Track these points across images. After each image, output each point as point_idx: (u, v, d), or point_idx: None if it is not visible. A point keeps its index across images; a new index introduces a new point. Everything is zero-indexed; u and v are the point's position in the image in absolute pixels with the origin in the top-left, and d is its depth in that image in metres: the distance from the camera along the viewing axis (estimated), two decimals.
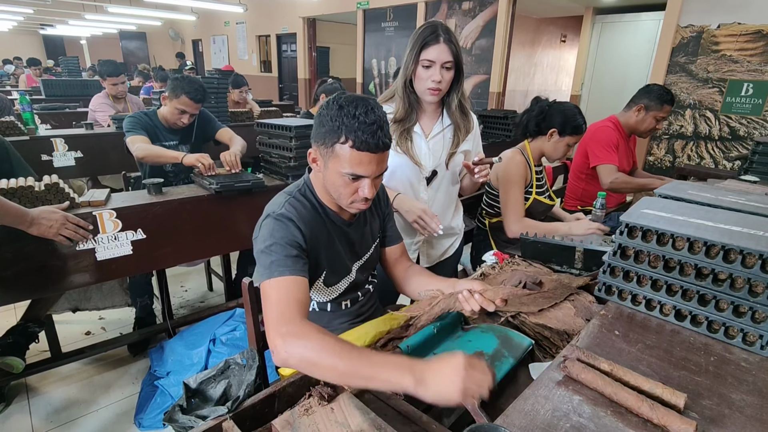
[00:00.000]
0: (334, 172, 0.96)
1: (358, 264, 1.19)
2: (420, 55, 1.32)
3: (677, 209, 1.00)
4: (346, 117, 0.90)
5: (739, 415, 0.67)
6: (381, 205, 1.24)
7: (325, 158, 0.97)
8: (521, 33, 6.69)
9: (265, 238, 0.96)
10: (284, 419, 0.81)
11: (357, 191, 0.98)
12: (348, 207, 1.03)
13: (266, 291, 0.90)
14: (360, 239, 1.18)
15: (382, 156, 0.96)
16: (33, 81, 6.73)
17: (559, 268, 1.36)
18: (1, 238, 1.40)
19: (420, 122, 1.45)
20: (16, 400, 1.85)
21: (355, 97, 0.94)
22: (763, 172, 2.07)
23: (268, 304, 0.88)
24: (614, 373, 0.72)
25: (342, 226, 1.12)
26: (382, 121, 0.93)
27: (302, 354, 0.76)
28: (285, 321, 0.82)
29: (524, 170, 1.75)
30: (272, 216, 0.99)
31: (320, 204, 1.08)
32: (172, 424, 0.93)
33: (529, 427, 0.64)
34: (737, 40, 3.74)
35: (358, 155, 0.92)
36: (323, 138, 0.95)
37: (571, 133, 1.72)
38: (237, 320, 2.02)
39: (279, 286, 0.89)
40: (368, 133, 0.90)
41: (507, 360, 0.92)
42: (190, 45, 13.45)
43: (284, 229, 0.97)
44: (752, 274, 0.80)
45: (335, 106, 0.93)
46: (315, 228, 1.04)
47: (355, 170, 0.94)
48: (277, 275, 0.90)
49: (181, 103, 2.08)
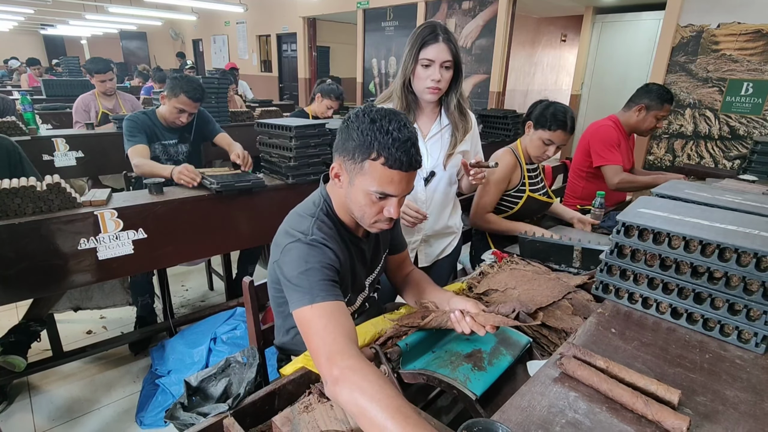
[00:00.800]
0: (359, 190, 0.90)
1: (370, 278, 1.17)
2: (419, 54, 1.32)
3: (674, 208, 1.01)
4: (379, 132, 0.85)
5: (732, 411, 0.68)
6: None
7: (351, 174, 0.91)
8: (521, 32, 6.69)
9: (299, 263, 0.89)
10: (284, 416, 0.82)
11: (382, 211, 0.93)
12: (370, 226, 0.97)
13: (308, 318, 0.83)
14: (375, 254, 1.14)
15: (411, 175, 0.90)
16: (34, 81, 6.75)
17: (557, 267, 1.37)
18: (3, 238, 1.41)
19: (418, 122, 1.45)
20: (18, 398, 1.86)
21: (387, 111, 0.89)
22: (762, 172, 2.08)
23: (315, 332, 0.81)
24: (610, 370, 0.72)
25: (358, 244, 1.07)
26: (415, 137, 0.88)
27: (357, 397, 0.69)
28: (343, 354, 0.75)
29: (508, 172, 1.75)
30: (303, 241, 0.92)
31: (341, 224, 1.03)
32: (173, 422, 0.94)
33: (526, 423, 0.64)
34: (737, 40, 3.74)
35: (390, 173, 0.86)
36: (352, 153, 0.88)
37: (544, 127, 1.66)
38: (237, 319, 2.03)
39: (324, 312, 0.83)
40: (402, 151, 0.85)
41: (505, 358, 0.93)
42: (190, 45, 13.47)
43: (320, 254, 0.91)
44: (747, 272, 0.81)
45: (366, 119, 0.87)
46: (340, 250, 0.99)
47: (385, 189, 0.88)
48: (320, 300, 0.84)
49: (180, 102, 2.10)
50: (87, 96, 3.29)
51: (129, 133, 2.11)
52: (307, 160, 1.98)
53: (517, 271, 1.31)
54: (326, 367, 0.75)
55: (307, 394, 0.88)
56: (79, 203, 1.57)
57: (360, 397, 0.68)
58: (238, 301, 2.35)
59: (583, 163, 2.30)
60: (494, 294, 1.21)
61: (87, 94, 3.30)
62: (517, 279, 1.27)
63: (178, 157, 2.31)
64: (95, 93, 3.30)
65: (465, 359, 0.92)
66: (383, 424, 0.64)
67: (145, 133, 2.14)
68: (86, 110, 3.25)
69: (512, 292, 1.20)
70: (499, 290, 1.22)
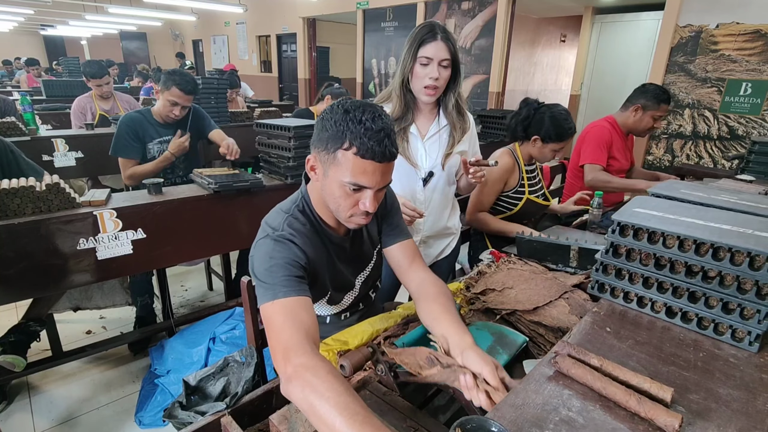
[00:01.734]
0: (334, 181, 0.89)
1: (362, 277, 1.15)
2: (418, 52, 1.33)
3: (669, 208, 1.02)
4: (351, 122, 0.84)
5: (725, 408, 0.68)
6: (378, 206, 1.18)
7: (325, 165, 0.90)
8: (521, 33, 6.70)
9: (264, 259, 0.90)
10: (281, 414, 0.83)
11: (357, 204, 0.91)
12: (347, 221, 0.96)
13: (269, 314, 0.83)
14: (360, 251, 1.12)
15: (387, 166, 0.89)
16: (33, 81, 6.76)
17: (554, 267, 1.37)
18: (3, 238, 1.41)
19: (416, 123, 1.46)
20: (17, 398, 1.87)
21: (362, 103, 0.88)
22: (760, 171, 2.09)
23: (273, 328, 0.81)
24: (604, 369, 0.73)
25: (340, 243, 1.06)
26: (390, 129, 0.87)
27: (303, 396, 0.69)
28: (296, 350, 0.75)
29: (504, 173, 1.75)
30: (271, 237, 0.92)
31: (318, 221, 1.02)
32: (171, 421, 0.95)
33: (519, 421, 0.65)
34: (736, 40, 3.75)
35: (362, 163, 0.85)
36: (325, 143, 0.88)
37: (555, 140, 1.71)
38: (236, 319, 2.03)
39: (284, 308, 0.83)
40: (374, 140, 0.83)
41: (501, 356, 0.94)
42: (190, 45, 13.48)
43: (285, 250, 0.90)
44: (741, 271, 0.82)
45: (340, 110, 0.86)
46: (315, 247, 0.98)
47: (358, 180, 0.87)
48: (282, 296, 0.84)
49: (172, 95, 2.12)
50: (84, 98, 3.30)
51: (117, 148, 2.17)
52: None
53: (514, 271, 1.32)
54: (282, 364, 0.75)
55: None
56: (78, 203, 1.58)
57: (310, 394, 0.68)
58: (237, 301, 2.36)
59: (579, 163, 2.31)
60: (491, 293, 1.22)
61: (84, 96, 3.31)
62: (515, 278, 1.27)
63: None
64: (92, 95, 3.31)
65: None
66: (332, 421, 0.64)
67: (138, 136, 2.17)
68: (83, 113, 3.26)
69: (509, 292, 1.20)
70: (496, 290, 1.22)
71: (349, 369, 0.86)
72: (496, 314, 1.16)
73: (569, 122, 1.70)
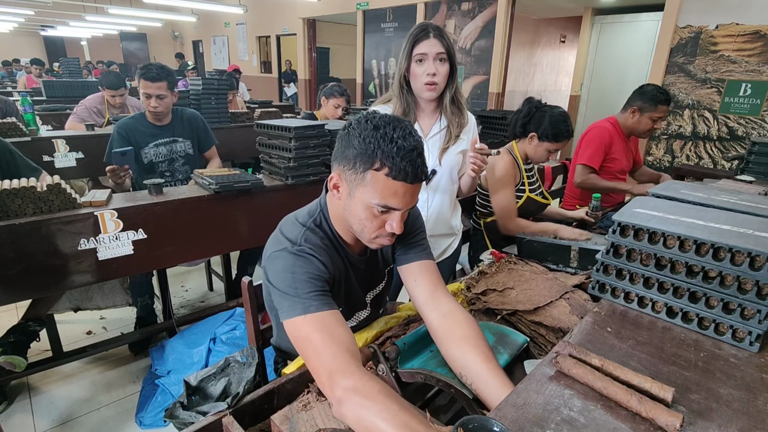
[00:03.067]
0: (360, 203, 0.84)
1: (372, 295, 1.12)
2: (412, 51, 1.35)
3: (669, 208, 1.02)
4: (382, 140, 0.79)
5: (726, 408, 0.69)
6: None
7: (351, 185, 0.84)
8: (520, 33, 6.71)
9: (285, 273, 0.85)
10: (283, 414, 0.83)
11: (384, 225, 0.86)
12: (370, 242, 0.91)
13: (304, 330, 0.79)
14: (374, 270, 1.08)
15: (417, 187, 0.84)
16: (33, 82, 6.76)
17: (555, 267, 1.38)
18: (4, 239, 1.42)
19: (419, 122, 1.46)
20: (18, 398, 1.87)
21: (392, 118, 0.83)
22: (759, 172, 2.09)
23: (313, 349, 0.77)
24: (605, 369, 0.73)
25: (357, 262, 1.02)
26: (421, 147, 0.83)
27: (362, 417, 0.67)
28: (343, 372, 0.72)
29: (513, 170, 1.76)
30: (289, 251, 0.87)
31: (335, 236, 0.97)
32: (173, 421, 0.95)
33: (520, 420, 0.65)
34: (735, 41, 3.75)
35: (393, 185, 0.80)
36: (352, 162, 0.82)
37: (551, 140, 1.71)
38: (237, 319, 2.04)
39: (318, 324, 0.79)
40: (407, 161, 0.79)
41: (502, 356, 0.94)
42: (190, 46, 13.49)
43: (307, 264, 0.86)
44: (741, 271, 0.82)
45: (369, 126, 0.81)
46: (332, 262, 0.93)
47: (388, 201, 0.82)
48: (314, 310, 0.80)
49: (142, 87, 2.13)
50: (97, 98, 3.27)
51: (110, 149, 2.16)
52: (307, 161, 1.99)
53: (515, 271, 1.32)
54: (328, 387, 0.73)
55: (306, 393, 0.89)
56: (79, 204, 1.58)
57: (366, 416, 0.66)
58: (238, 301, 2.36)
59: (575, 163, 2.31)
60: (492, 294, 1.22)
61: (96, 96, 3.29)
62: (515, 279, 1.27)
63: (173, 155, 2.31)
64: (105, 100, 3.30)
65: None
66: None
67: (129, 143, 2.16)
68: (92, 111, 3.25)
69: (510, 292, 1.20)
70: (497, 290, 1.22)
71: None
72: (496, 314, 1.17)
73: (567, 125, 1.71)
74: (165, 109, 2.20)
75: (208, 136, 2.44)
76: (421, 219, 1.09)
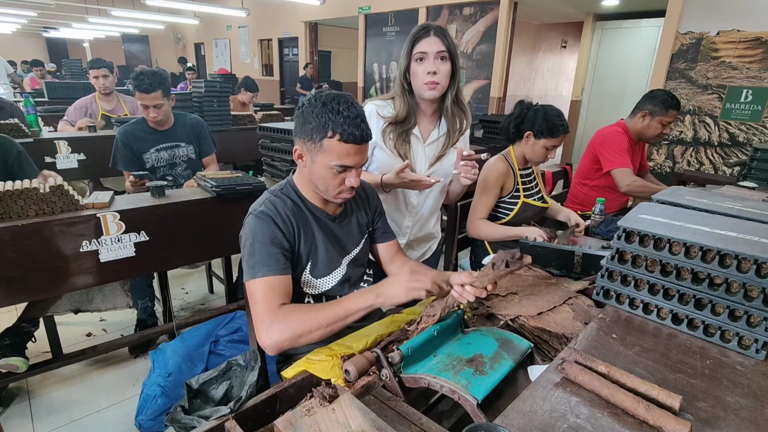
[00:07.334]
0: (322, 166, 1.03)
1: (348, 258, 1.22)
2: (413, 49, 1.33)
3: (674, 215, 1.02)
4: (331, 113, 0.97)
5: (733, 417, 0.68)
6: (369, 201, 1.28)
7: (312, 153, 1.03)
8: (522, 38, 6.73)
9: (247, 236, 1.05)
10: (286, 419, 0.82)
11: (344, 182, 1.05)
12: (335, 198, 1.09)
13: (252, 290, 0.99)
14: (347, 234, 1.22)
15: (365, 147, 1.04)
16: (36, 83, 6.77)
17: (558, 273, 1.37)
18: (6, 240, 1.41)
19: (419, 127, 1.46)
20: (16, 401, 1.86)
21: (335, 94, 1.01)
22: (762, 178, 2.09)
23: (255, 303, 0.97)
24: (611, 375, 0.73)
25: (326, 221, 1.16)
26: (363, 114, 1.01)
27: (290, 333, 0.91)
28: (269, 314, 0.94)
29: (500, 177, 1.76)
30: (253, 214, 1.07)
31: (302, 199, 1.14)
32: (174, 425, 0.94)
33: (527, 427, 0.65)
34: (736, 47, 3.76)
35: (346, 147, 0.99)
36: (310, 134, 1.01)
37: (547, 136, 1.70)
38: (238, 322, 2.02)
39: (264, 285, 0.98)
40: (353, 126, 0.97)
41: (506, 362, 0.93)
42: (192, 48, 13.53)
43: (264, 227, 1.04)
44: (747, 278, 0.82)
45: (318, 103, 0.99)
46: (297, 221, 1.10)
47: (344, 161, 1.01)
48: (261, 275, 0.99)
49: (139, 99, 2.13)
50: (87, 98, 3.31)
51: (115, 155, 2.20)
52: None
53: (518, 277, 1.31)
54: (261, 331, 0.94)
55: (309, 398, 0.88)
56: (81, 205, 1.58)
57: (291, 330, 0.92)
58: (239, 304, 2.35)
59: (590, 170, 2.30)
60: (495, 299, 1.21)
61: (87, 96, 3.32)
62: (518, 284, 1.27)
63: (174, 160, 2.31)
64: (96, 96, 3.32)
65: (466, 364, 0.93)
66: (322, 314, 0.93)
67: (132, 150, 2.18)
68: (80, 109, 3.27)
69: (513, 298, 1.20)
70: (500, 295, 1.22)
71: (353, 374, 0.86)
72: (500, 320, 1.16)
73: (561, 119, 1.71)
74: (164, 116, 2.21)
75: (209, 143, 2.44)
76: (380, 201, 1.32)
